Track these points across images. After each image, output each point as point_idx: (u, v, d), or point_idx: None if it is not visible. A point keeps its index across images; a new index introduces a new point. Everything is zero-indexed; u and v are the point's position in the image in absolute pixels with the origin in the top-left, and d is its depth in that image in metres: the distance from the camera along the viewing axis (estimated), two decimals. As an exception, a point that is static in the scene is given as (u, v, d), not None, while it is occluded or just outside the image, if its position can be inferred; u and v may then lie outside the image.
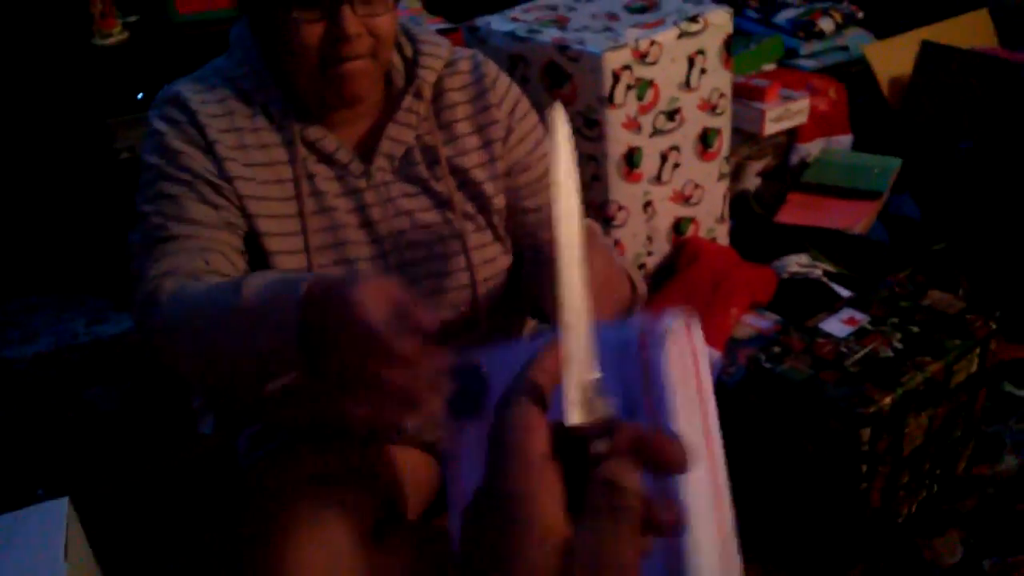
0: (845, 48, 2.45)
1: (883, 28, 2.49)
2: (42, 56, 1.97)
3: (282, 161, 1.10)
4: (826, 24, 2.49)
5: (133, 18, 2.03)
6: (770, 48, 2.33)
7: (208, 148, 1.06)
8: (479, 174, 1.18)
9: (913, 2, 2.59)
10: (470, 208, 1.18)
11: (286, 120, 1.10)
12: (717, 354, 1.51)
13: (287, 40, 1.04)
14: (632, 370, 0.74)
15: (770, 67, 2.29)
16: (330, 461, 1.21)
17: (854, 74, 2.35)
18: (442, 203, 1.16)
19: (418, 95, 1.14)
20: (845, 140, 2.16)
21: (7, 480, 1.34)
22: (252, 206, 1.08)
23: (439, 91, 1.17)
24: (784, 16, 2.56)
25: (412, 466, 1.26)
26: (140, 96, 2.01)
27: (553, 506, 0.43)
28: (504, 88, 1.20)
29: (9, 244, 1.98)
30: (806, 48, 2.43)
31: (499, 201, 1.20)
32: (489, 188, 1.18)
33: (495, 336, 1.25)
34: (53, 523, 1.17)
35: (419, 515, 1.23)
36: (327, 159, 1.11)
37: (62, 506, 1.19)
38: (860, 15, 2.56)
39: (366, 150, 1.13)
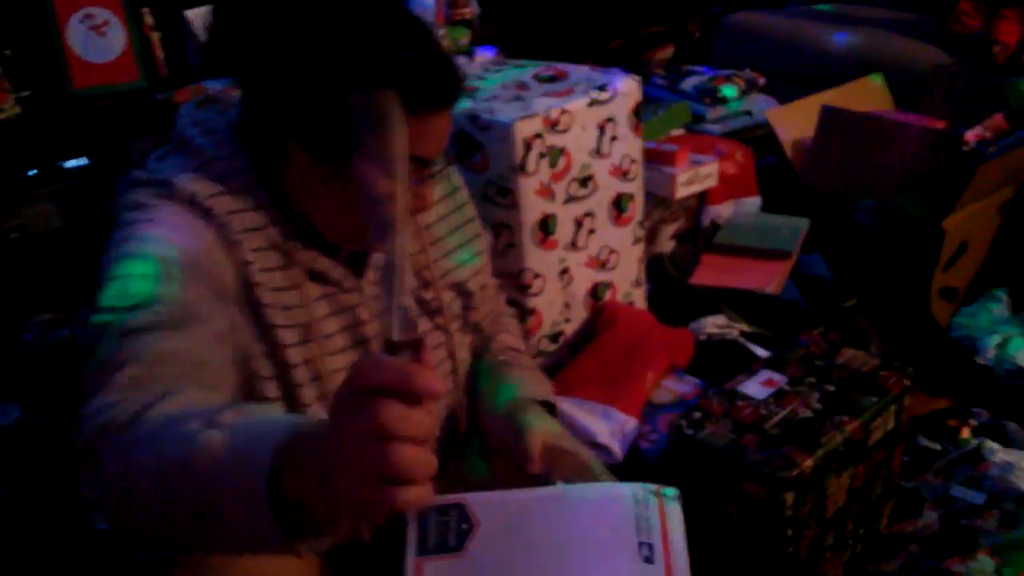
0: (749, 113, 2.53)
1: (784, 94, 2.58)
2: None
3: (285, 286, 1.02)
4: (730, 90, 2.56)
5: (26, 92, 1.95)
6: (678, 113, 2.38)
7: (230, 248, 0.97)
8: (463, 274, 1.18)
9: (811, 69, 2.70)
10: (456, 309, 1.18)
11: (286, 244, 1.02)
12: (633, 422, 1.48)
13: (352, 197, 0.96)
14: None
15: (679, 132, 2.33)
16: (232, 572, 1.14)
17: (759, 138, 2.42)
18: (431, 311, 1.13)
19: None
20: (753, 202, 2.21)
21: None
22: (267, 300, 1.00)
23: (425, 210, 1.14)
24: (689, 83, 2.63)
25: (321, 567, 1.19)
26: (32, 173, 1.92)
27: None
28: (465, 187, 1.23)
29: None
30: (712, 113, 2.49)
31: (480, 297, 1.21)
32: (473, 284, 1.19)
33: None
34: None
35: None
36: (321, 279, 1.05)
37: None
38: (762, 81, 2.64)
39: (355, 263, 1.09)
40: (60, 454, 1.69)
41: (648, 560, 1.06)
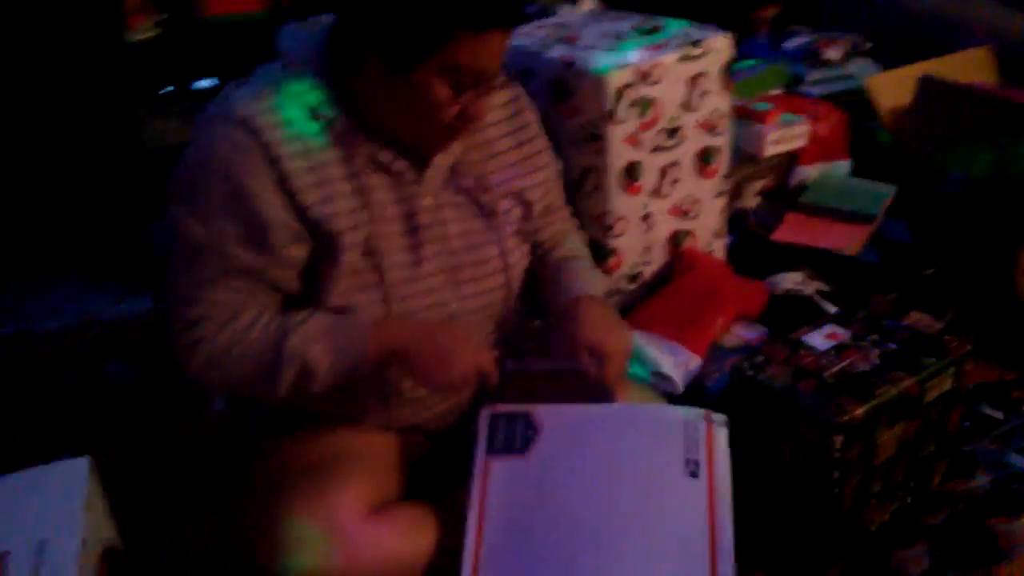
0: (851, 77, 2.53)
1: (890, 59, 2.56)
2: (76, 49, 2.07)
3: (343, 177, 1.18)
4: (833, 53, 2.56)
5: (163, 16, 2.12)
6: (776, 73, 2.40)
7: (281, 182, 1.14)
8: (523, 183, 1.32)
9: (920, 36, 2.67)
10: (514, 216, 1.31)
11: (352, 139, 1.18)
12: (698, 359, 1.57)
13: (419, 104, 1.12)
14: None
15: (776, 92, 2.36)
16: (333, 442, 1.30)
17: (857, 103, 2.42)
18: (486, 212, 1.27)
19: None
20: (844, 165, 2.23)
21: (27, 445, 1.41)
22: (324, 223, 1.16)
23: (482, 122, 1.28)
24: (793, 43, 2.64)
25: (403, 447, 1.35)
26: (168, 90, 2.10)
27: None
28: (533, 110, 1.36)
29: (39, 225, 2.08)
30: (811, 75, 2.51)
31: (541, 204, 1.35)
32: (533, 195, 1.33)
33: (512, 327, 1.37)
34: (74, 478, 1.25)
35: (403, 491, 1.31)
36: (384, 168, 1.20)
37: (83, 464, 1.27)
38: (868, 46, 2.63)
39: (418, 161, 1.23)
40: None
41: (694, 475, 1.17)
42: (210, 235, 1.14)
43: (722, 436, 1.20)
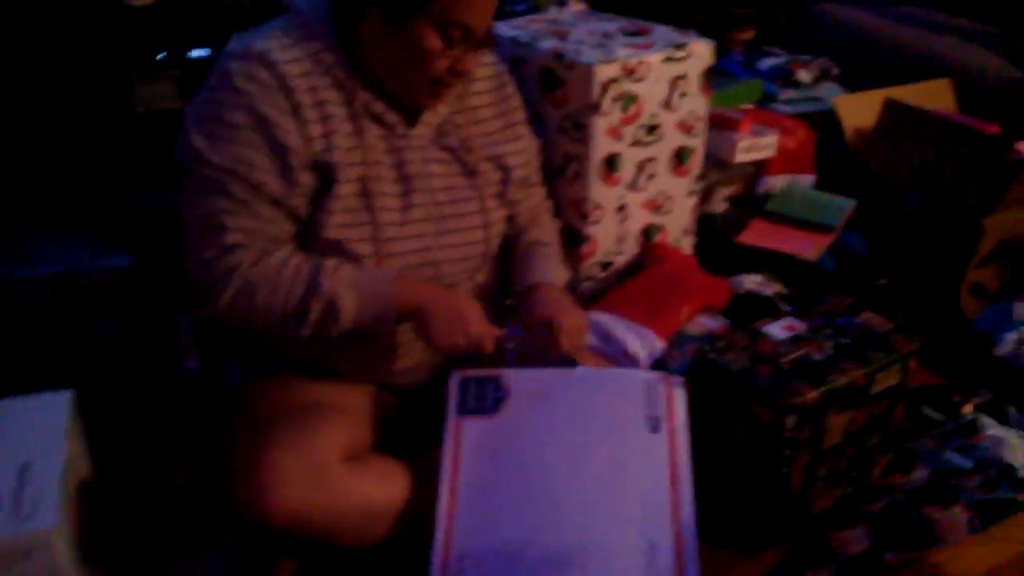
0: (819, 99, 2.65)
1: (857, 85, 2.69)
2: (74, 10, 2.10)
3: (343, 118, 1.27)
4: (804, 75, 2.69)
5: (164, -17, 2.17)
6: (750, 89, 2.52)
7: (293, 110, 1.22)
8: (503, 149, 1.43)
9: (887, 65, 2.80)
10: (493, 179, 1.40)
11: (350, 86, 1.26)
12: (661, 344, 1.66)
13: (411, 54, 1.23)
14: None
15: (748, 107, 2.47)
16: (310, 392, 1.36)
17: (825, 123, 2.54)
18: (468, 171, 1.36)
19: None
20: (808, 179, 2.35)
21: (5, 389, 1.44)
22: (325, 156, 1.25)
23: (469, 80, 1.38)
24: (766, 63, 2.76)
25: (375, 402, 1.42)
26: (161, 56, 2.15)
27: None
28: (516, 89, 1.47)
29: (29, 178, 2.10)
30: (783, 94, 2.63)
31: (519, 172, 1.45)
32: (512, 160, 1.43)
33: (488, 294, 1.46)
34: (57, 408, 1.29)
35: (376, 447, 1.38)
36: (379, 120, 1.28)
37: (66, 396, 1.31)
38: (837, 71, 2.76)
39: (408, 117, 1.32)
40: (163, 300, 1.94)
41: (654, 430, 1.25)
42: (238, 164, 1.21)
43: (680, 395, 1.29)
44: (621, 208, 1.82)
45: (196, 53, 2.19)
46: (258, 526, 1.25)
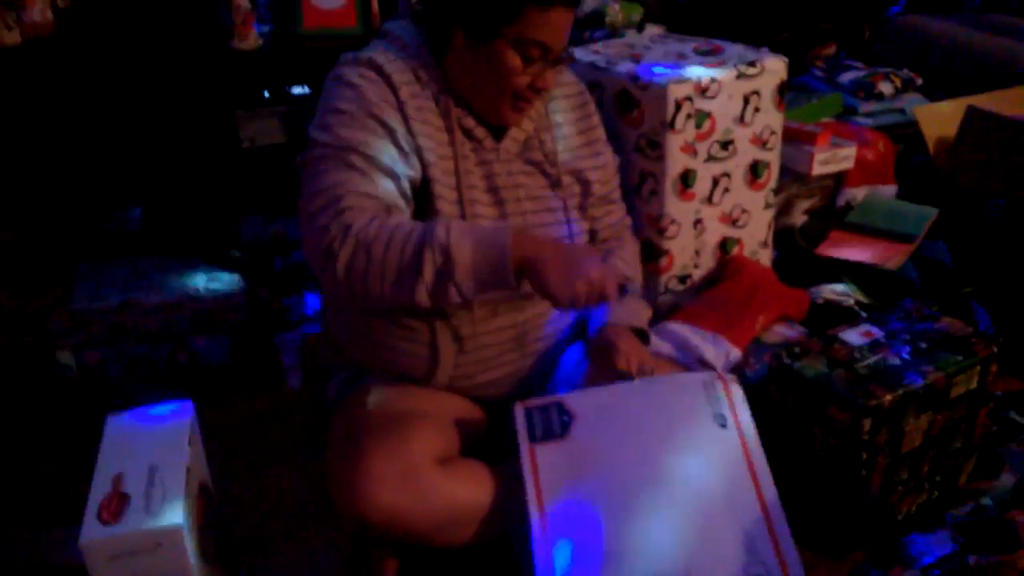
0: (901, 111, 2.65)
1: (940, 95, 2.68)
2: (187, 54, 2.29)
3: (440, 128, 1.38)
4: (886, 87, 2.69)
5: (266, 28, 2.34)
6: (830, 103, 2.54)
7: (399, 107, 1.35)
8: (584, 164, 1.52)
9: (969, 74, 2.78)
10: (574, 191, 1.49)
11: (445, 102, 1.38)
12: (737, 352, 1.70)
13: (493, 72, 1.34)
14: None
15: (828, 121, 2.49)
16: (403, 401, 1.46)
17: (908, 135, 2.54)
18: (552, 183, 1.46)
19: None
20: (889, 190, 2.35)
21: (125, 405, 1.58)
22: (425, 155, 1.36)
23: (552, 98, 1.49)
24: (847, 77, 2.77)
25: (464, 412, 1.50)
26: (266, 95, 2.31)
27: None
28: (596, 109, 1.57)
29: (144, 210, 2.29)
30: (864, 107, 2.63)
31: (599, 188, 1.54)
32: (592, 175, 1.52)
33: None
34: (180, 416, 1.42)
35: (463, 450, 1.45)
36: (469, 135, 1.40)
37: (188, 405, 1.44)
38: (919, 82, 2.75)
39: (497, 133, 1.43)
40: (270, 321, 2.08)
41: (723, 426, 1.30)
42: (354, 142, 1.30)
43: (739, 391, 1.33)
44: (697, 222, 1.87)
45: (298, 91, 2.36)
46: (358, 526, 1.35)
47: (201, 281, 2.11)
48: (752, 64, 1.82)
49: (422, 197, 1.37)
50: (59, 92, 2.15)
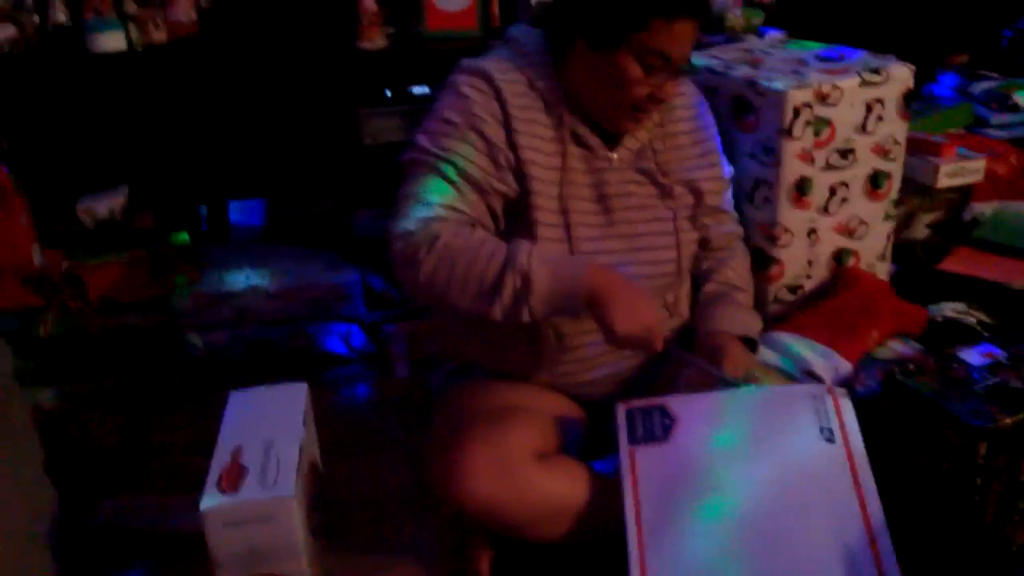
0: (1038, 122, 2.52)
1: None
2: (316, 53, 2.39)
3: (549, 138, 1.41)
4: (1021, 98, 2.56)
5: (391, 29, 2.42)
6: (959, 114, 2.44)
7: (505, 121, 1.39)
8: (696, 175, 1.53)
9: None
10: (686, 201, 1.48)
11: (558, 109, 1.41)
12: (847, 366, 1.66)
13: (613, 81, 1.35)
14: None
15: (957, 131, 2.40)
16: (504, 395, 1.49)
17: (1044, 148, 2.42)
18: (663, 193, 1.46)
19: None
20: (1021, 206, 2.24)
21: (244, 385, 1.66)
22: (527, 168, 1.38)
23: (668, 107, 1.49)
24: (980, 87, 2.66)
25: (564, 409, 1.52)
26: (388, 94, 2.39)
27: None
28: (712, 119, 1.58)
29: (270, 201, 2.41)
30: (997, 119, 2.52)
31: (711, 199, 1.55)
32: (705, 186, 1.54)
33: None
34: (295, 397, 1.50)
35: (562, 447, 1.48)
36: (582, 143, 1.42)
37: (302, 387, 1.52)
38: (1059, 93, 2.61)
39: (610, 142, 1.44)
40: (382, 311, 2.16)
41: (829, 440, 1.28)
42: (451, 153, 1.35)
43: (848, 405, 1.30)
44: (811, 232, 1.84)
45: (418, 91, 2.43)
46: (456, 515, 1.39)
47: (319, 270, 2.20)
48: (876, 71, 1.77)
49: (523, 206, 1.40)
50: (201, 88, 2.28)
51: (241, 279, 2.14)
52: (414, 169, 1.39)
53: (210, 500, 1.28)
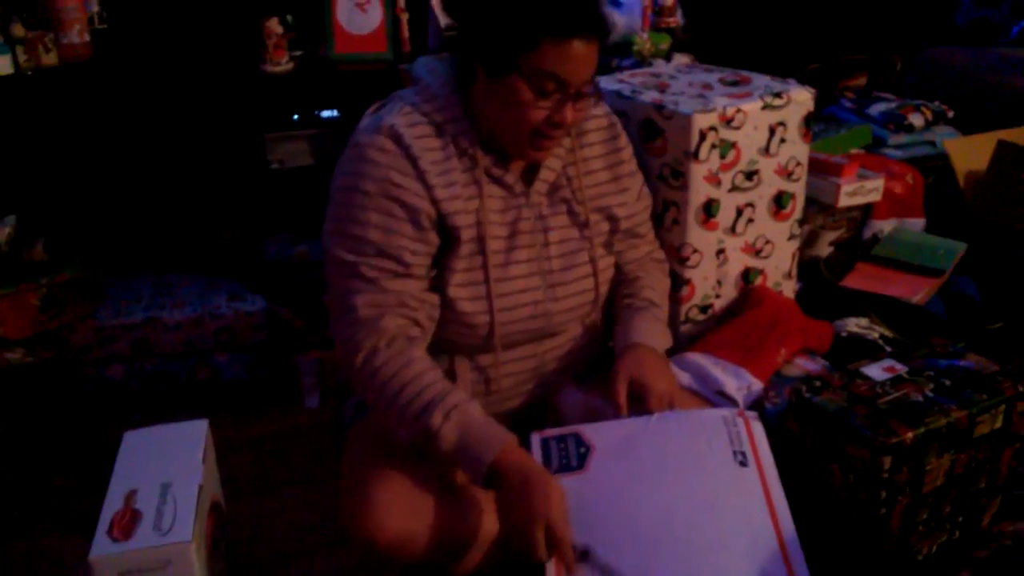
0: (931, 143, 2.62)
1: (971, 129, 2.65)
2: (220, 76, 2.34)
3: (464, 183, 1.37)
4: (916, 119, 2.66)
5: (298, 52, 2.38)
6: (859, 135, 2.52)
7: (419, 175, 1.35)
8: (611, 201, 1.51)
9: (999, 108, 2.75)
10: (601, 229, 1.46)
11: (471, 151, 1.38)
12: (760, 384, 1.68)
13: (510, 107, 1.31)
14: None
15: (856, 152, 2.47)
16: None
17: (936, 167, 2.51)
18: (579, 223, 1.45)
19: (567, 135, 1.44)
20: (918, 223, 2.32)
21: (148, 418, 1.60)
22: (449, 220, 1.35)
23: (580, 132, 1.47)
24: (877, 108, 2.75)
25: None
26: (296, 118, 2.34)
27: None
28: (628, 143, 1.56)
29: (167, 228, 2.33)
30: (894, 139, 2.61)
31: (626, 223, 1.53)
32: (620, 211, 1.52)
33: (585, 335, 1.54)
34: (195, 435, 1.44)
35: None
36: (497, 181, 1.39)
37: (203, 424, 1.46)
38: (951, 114, 2.73)
39: (527, 176, 1.41)
40: (291, 340, 2.10)
41: (743, 464, 1.28)
42: (368, 237, 1.32)
43: (760, 429, 1.32)
44: (720, 252, 1.86)
45: (327, 114, 2.38)
46: (367, 550, 1.35)
47: (223, 300, 2.13)
48: (778, 95, 1.81)
49: (445, 250, 1.38)
50: (95, 112, 2.20)
51: (139, 311, 2.05)
52: (331, 269, 1.37)
53: (100, 549, 1.21)
